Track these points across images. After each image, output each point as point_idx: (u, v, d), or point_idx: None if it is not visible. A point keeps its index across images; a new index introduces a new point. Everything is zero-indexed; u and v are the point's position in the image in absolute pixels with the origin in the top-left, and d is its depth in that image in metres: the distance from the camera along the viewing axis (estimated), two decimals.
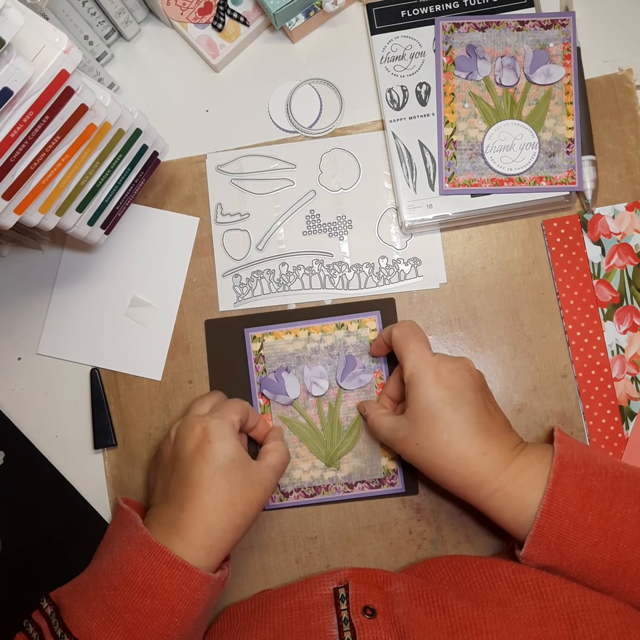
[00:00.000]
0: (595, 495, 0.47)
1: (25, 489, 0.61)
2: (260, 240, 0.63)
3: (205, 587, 0.48)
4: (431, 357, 0.51)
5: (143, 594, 0.47)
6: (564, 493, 0.47)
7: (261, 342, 0.61)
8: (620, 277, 0.60)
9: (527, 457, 0.50)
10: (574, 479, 0.48)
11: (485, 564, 0.50)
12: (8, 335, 0.63)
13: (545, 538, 0.47)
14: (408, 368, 0.52)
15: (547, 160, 0.60)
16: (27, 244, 0.64)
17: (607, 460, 0.50)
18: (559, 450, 0.49)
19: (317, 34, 0.66)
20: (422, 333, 0.54)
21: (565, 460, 0.49)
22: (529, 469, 0.49)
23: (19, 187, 0.46)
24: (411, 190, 0.61)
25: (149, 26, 0.67)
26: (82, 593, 0.50)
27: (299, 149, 0.64)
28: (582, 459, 0.49)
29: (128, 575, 0.48)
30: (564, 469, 0.48)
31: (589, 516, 0.47)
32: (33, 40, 0.42)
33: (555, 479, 0.47)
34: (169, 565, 0.48)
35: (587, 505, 0.47)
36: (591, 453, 0.50)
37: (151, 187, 0.64)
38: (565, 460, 0.49)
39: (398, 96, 0.63)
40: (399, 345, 0.53)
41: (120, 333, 0.63)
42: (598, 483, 0.48)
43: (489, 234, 0.62)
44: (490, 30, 0.62)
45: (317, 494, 0.60)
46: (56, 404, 0.63)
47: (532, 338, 0.61)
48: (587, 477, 0.48)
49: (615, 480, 0.48)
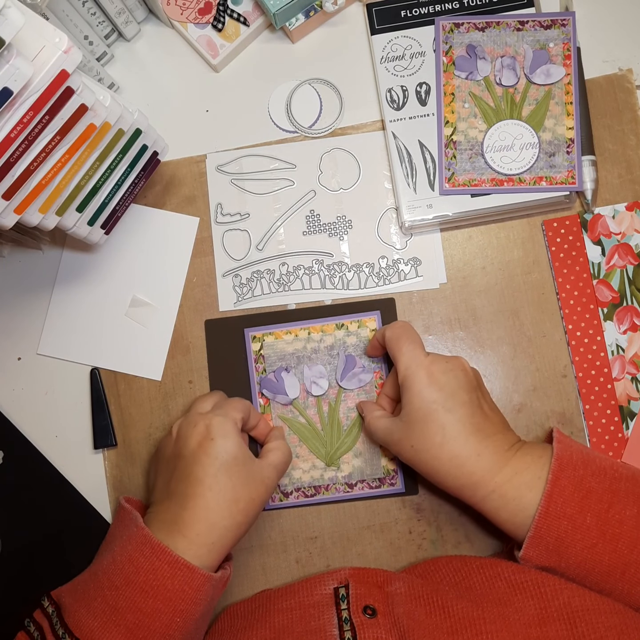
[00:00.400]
0: (593, 497, 0.47)
1: (25, 489, 0.61)
2: (260, 240, 0.63)
3: (207, 587, 0.48)
4: (424, 358, 0.51)
5: (145, 594, 0.47)
6: (563, 494, 0.47)
7: (261, 342, 0.61)
8: (620, 277, 0.60)
9: (524, 457, 0.50)
10: (573, 480, 0.48)
11: (485, 565, 0.50)
12: (8, 335, 0.63)
13: (544, 539, 0.47)
14: (401, 370, 0.52)
15: (547, 160, 0.60)
16: (27, 244, 0.64)
17: (606, 461, 0.50)
18: (557, 451, 0.49)
19: (317, 34, 0.66)
20: (414, 334, 0.54)
21: (564, 462, 0.48)
22: (525, 470, 0.49)
23: (19, 187, 0.46)
24: (411, 190, 0.61)
25: (149, 26, 0.67)
26: (83, 592, 0.50)
27: (299, 149, 0.64)
28: (581, 460, 0.49)
29: (129, 575, 0.48)
30: (562, 470, 0.48)
31: (587, 518, 0.47)
32: (33, 40, 0.42)
33: (553, 480, 0.47)
34: (170, 565, 0.48)
35: (586, 507, 0.47)
36: (590, 454, 0.50)
37: (151, 187, 0.64)
38: (564, 462, 0.48)
39: (398, 96, 0.63)
40: (391, 347, 0.53)
41: (120, 333, 0.63)
42: (597, 484, 0.48)
43: (489, 234, 0.62)
44: (490, 30, 0.62)
45: (317, 493, 0.60)
46: (56, 404, 0.63)
47: (532, 338, 0.61)
48: (586, 478, 0.48)
49: (614, 481, 0.48)
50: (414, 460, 0.51)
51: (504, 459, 0.49)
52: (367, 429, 0.56)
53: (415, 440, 0.50)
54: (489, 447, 0.49)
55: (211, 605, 0.51)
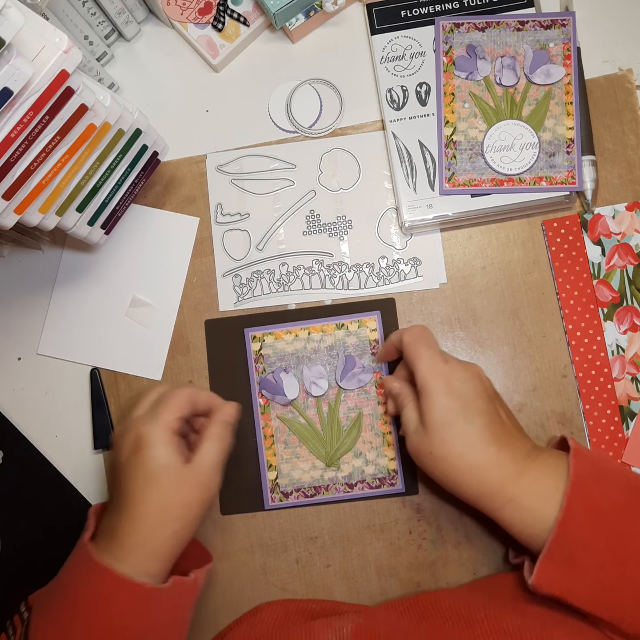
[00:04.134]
0: (607, 518, 0.47)
1: (25, 488, 0.61)
2: (260, 240, 0.63)
3: (155, 599, 0.48)
4: (443, 366, 0.51)
5: (92, 613, 0.48)
6: (576, 519, 0.46)
7: (261, 342, 0.61)
8: (620, 277, 0.60)
9: (541, 467, 0.49)
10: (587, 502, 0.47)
11: (490, 618, 0.49)
12: (8, 335, 0.63)
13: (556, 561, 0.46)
14: (420, 377, 0.51)
15: (547, 160, 0.60)
16: (27, 244, 0.64)
17: (622, 475, 0.50)
18: (573, 467, 0.48)
19: (317, 34, 0.66)
20: (432, 339, 0.53)
21: (579, 481, 0.48)
22: (542, 481, 0.48)
23: (19, 187, 0.46)
24: (411, 190, 0.61)
25: (149, 26, 0.67)
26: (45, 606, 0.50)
27: (299, 149, 0.64)
28: (595, 477, 0.48)
29: (77, 595, 0.49)
30: (576, 490, 0.47)
31: (600, 542, 0.46)
32: (33, 40, 0.42)
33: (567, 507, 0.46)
34: (113, 582, 0.48)
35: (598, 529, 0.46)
36: (605, 465, 0.50)
37: (151, 187, 0.64)
38: (579, 481, 0.48)
39: (398, 96, 0.63)
40: (409, 351, 0.52)
41: (120, 333, 0.63)
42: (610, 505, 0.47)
43: (489, 234, 0.62)
44: (490, 30, 0.62)
45: (317, 494, 0.60)
46: (56, 404, 0.63)
47: (532, 338, 0.61)
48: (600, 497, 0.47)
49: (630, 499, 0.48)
50: (432, 467, 0.51)
51: (523, 468, 0.49)
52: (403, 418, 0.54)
53: (434, 448, 0.50)
54: (507, 457, 0.49)
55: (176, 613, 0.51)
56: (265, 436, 0.60)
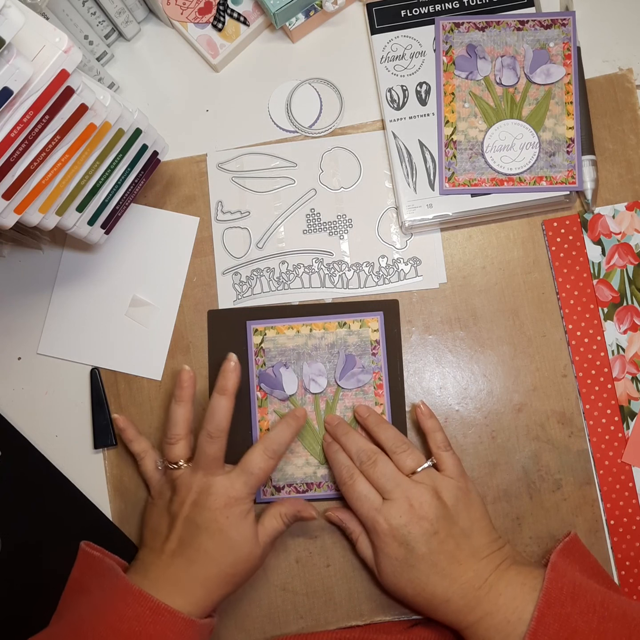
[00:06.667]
0: (579, 638, 0.46)
1: (25, 488, 0.61)
2: (261, 238, 0.63)
3: (190, 632, 0.49)
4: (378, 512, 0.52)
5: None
6: (547, 633, 0.46)
7: (262, 336, 0.61)
8: (620, 277, 0.60)
9: (507, 588, 0.49)
10: (559, 618, 0.46)
11: None
12: (8, 335, 0.63)
13: None
14: (362, 518, 0.54)
15: (547, 160, 0.60)
16: (27, 244, 0.64)
17: (598, 595, 0.48)
18: (547, 583, 0.48)
19: (317, 34, 0.66)
20: None
21: (552, 596, 0.47)
22: (509, 603, 0.48)
23: (19, 187, 0.46)
24: (411, 189, 0.61)
25: (149, 26, 0.67)
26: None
27: (300, 147, 0.64)
28: (570, 594, 0.48)
29: (113, 623, 0.49)
30: (549, 607, 0.47)
31: None
32: (33, 40, 0.42)
33: (539, 618, 0.46)
34: (152, 610, 0.49)
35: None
36: (582, 586, 0.49)
37: (151, 187, 0.64)
38: (552, 596, 0.47)
39: (398, 96, 0.63)
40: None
41: (120, 333, 0.63)
42: (584, 624, 0.46)
43: (489, 234, 0.62)
44: (490, 30, 0.62)
45: (309, 490, 0.60)
46: (56, 404, 0.63)
47: (532, 338, 0.61)
48: (573, 616, 0.47)
49: (603, 621, 0.47)
50: (396, 596, 0.54)
51: (480, 595, 0.49)
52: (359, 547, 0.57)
53: (390, 589, 0.53)
54: (459, 591, 0.50)
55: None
56: (261, 429, 0.60)
